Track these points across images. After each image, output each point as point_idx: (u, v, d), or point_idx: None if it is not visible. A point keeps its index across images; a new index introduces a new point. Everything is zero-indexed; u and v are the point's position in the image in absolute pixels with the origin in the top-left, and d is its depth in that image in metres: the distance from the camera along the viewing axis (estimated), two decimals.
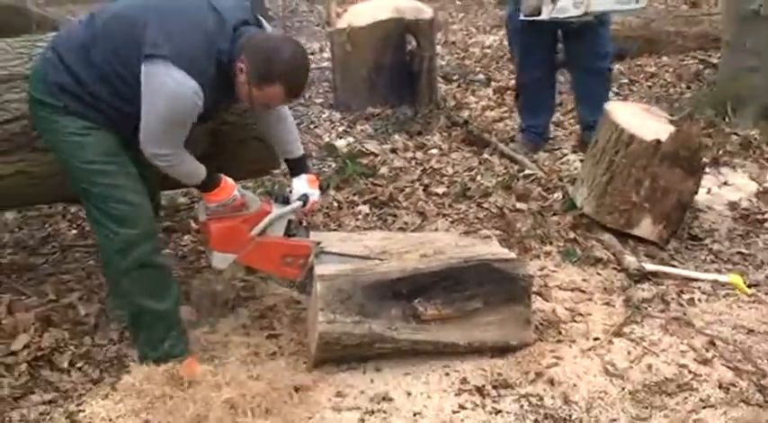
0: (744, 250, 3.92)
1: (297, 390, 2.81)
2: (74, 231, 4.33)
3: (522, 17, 4.86)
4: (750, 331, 3.16)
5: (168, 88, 2.63)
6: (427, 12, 6.06)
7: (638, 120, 4.05)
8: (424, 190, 4.68)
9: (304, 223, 3.31)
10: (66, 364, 3.06)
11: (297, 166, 3.26)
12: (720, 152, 4.99)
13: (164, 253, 3.39)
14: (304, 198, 3.15)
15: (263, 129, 3.24)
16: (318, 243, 3.12)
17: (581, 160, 4.93)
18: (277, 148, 3.29)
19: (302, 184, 3.21)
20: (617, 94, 6.52)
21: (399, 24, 5.91)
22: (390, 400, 2.77)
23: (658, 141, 3.79)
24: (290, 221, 3.14)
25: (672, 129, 3.91)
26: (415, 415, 2.69)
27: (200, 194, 3.08)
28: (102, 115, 2.80)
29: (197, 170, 2.91)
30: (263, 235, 3.07)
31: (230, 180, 3.02)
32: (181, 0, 2.81)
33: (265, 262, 3.15)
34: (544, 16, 4.75)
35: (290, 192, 3.25)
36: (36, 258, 3.97)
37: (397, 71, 6.01)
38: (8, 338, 3.16)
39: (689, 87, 6.78)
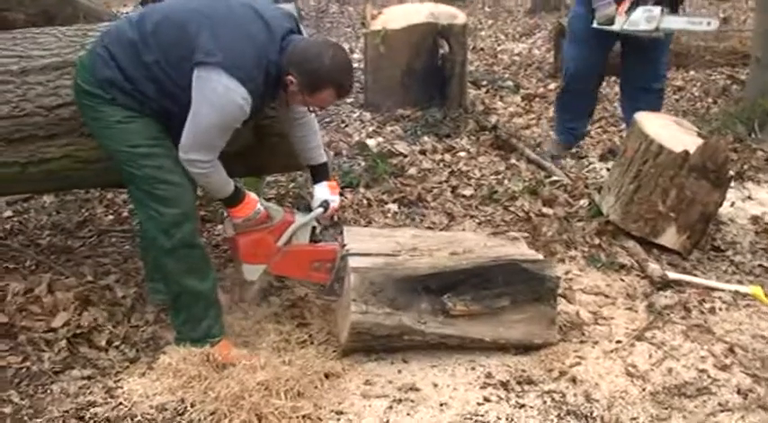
0: (765, 263, 3.98)
1: (327, 376, 2.91)
2: (110, 217, 4.45)
3: (595, 25, 4.93)
4: None
5: (219, 94, 2.75)
6: (461, 17, 6.17)
7: (668, 131, 4.12)
8: (451, 191, 4.77)
9: (335, 219, 3.43)
10: (104, 343, 3.17)
11: (318, 173, 3.39)
12: (745, 167, 5.06)
13: None
14: (325, 204, 3.29)
15: (288, 137, 3.36)
16: (344, 246, 3.23)
17: (607, 169, 5.01)
18: (300, 154, 3.40)
19: (323, 191, 3.35)
20: None
21: (433, 29, 6.01)
22: (417, 390, 2.87)
23: (686, 153, 3.86)
24: (314, 228, 3.30)
25: (700, 141, 3.99)
26: (441, 405, 2.78)
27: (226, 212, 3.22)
28: (147, 109, 2.92)
29: (227, 184, 3.05)
30: (290, 244, 3.22)
31: (253, 195, 3.17)
32: (230, 8, 2.92)
33: (294, 269, 3.30)
34: (616, 27, 4.84)
35: (312, 198, 3.39)
36: (73, 241, 4.09)
37: (428, 74, 6.10)
38: (48, 316, 3.27)
39: (715, 102, 6.86)
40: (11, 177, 3.32)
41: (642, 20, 4.70)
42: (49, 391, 2.89)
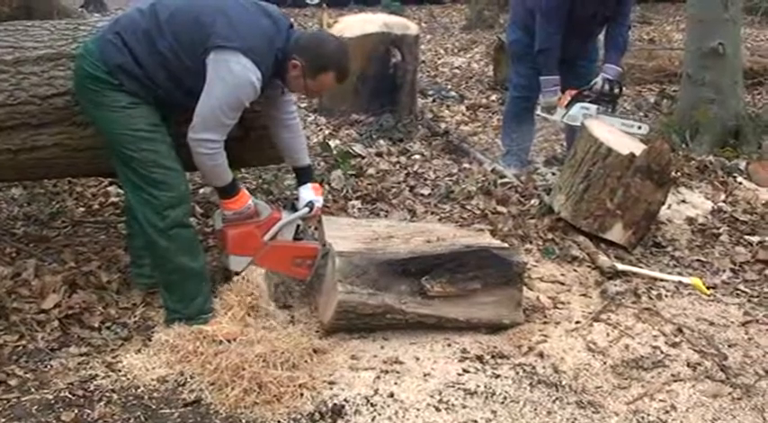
0: (702, 258, 4.33)
1: (315, 352, 3.11)
2: (81, 209, 4.55)
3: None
4: (711, 323, 3.55)
5: (235, 72, 2.99)
6: (413, 28, 6.46)
7: (614, 136, 4.47)
8: (410, 190, 5.02)
9: (310, 229, 3.68)
10: (96, 323, 3.30)
11: (303, 175, 3.65)
12: (679, 174, 5.43)
13: None
14: (310, 205, 3.54)
15: (274, 138, 3.58)
16: (324, 244, 3.45)
17: (552, 173, 5.34)
18: (285, 156, 3.66)
19: (308, 192, 3.59)
20: None
21: (386, 38, 6.29)
22: (401, 363, 3.09)
23: (633, 155, 4.19)
24: (297, 226, 3.53)
25: (643, 146, 4.34)
26: (425, 375, 3.01)
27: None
28: (151, 95, 3.12)
29: (227, 172, 3.25)
30: (275, 239, 3.44)
31: (246, 191, 3.39)
32: (237, 4, 3.16)
33: (277, 264, 3.49)
34: (557, 117, 5.25)
35: (297, 199, 3.62)
36: (48, 231, 4.18)
37: (380, 82, 6.38)
38: (38, 298, 3.38)
39: (647, 115, 7.28)
40: (1, 164, 3.44)
41: (579, 116, 5.04)
42: (49, 367, 3.02)
